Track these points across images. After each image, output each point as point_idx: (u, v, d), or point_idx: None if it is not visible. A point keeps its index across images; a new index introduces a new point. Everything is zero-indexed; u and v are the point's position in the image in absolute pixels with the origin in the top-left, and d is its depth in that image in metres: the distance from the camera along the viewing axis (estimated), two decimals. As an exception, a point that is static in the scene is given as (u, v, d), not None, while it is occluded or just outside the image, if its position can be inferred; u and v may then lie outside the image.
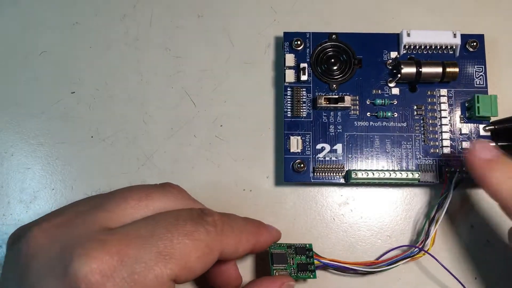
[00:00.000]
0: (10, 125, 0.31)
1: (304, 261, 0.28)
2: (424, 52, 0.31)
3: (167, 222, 0.21)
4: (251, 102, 0.32)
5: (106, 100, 0.32)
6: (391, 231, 0.30)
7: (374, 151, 0.30)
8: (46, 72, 0.32)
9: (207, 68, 0.32)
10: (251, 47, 0.32)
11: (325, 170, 0.29)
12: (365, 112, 0.30)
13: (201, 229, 0.21)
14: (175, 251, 0.20)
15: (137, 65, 0.32)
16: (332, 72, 0.30)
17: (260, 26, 0.33)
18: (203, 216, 0.22)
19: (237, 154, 0.31)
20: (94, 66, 0.32)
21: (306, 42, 0.31)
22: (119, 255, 0.19)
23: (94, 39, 0.33)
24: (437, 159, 0.30)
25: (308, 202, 0.30)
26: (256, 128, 0.31)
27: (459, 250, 0.30)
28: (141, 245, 0.20)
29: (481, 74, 0.31)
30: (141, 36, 0.33)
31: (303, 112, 0.30)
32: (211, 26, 0.33)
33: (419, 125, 0.30)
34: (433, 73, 0.30)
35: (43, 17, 0.33)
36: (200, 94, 0.32)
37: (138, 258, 0.19)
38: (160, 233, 0.20)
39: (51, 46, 0.32)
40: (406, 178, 0.28)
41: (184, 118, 0.31)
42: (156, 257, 0.20)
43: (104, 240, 0.19)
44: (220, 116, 0.32)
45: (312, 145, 0.30)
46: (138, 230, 0.20)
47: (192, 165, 0.31)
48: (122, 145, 0.31)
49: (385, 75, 0.31)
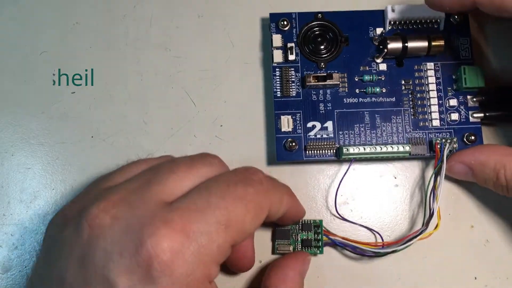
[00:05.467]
0: (10, 125, 0.32)
1: (310, 237, 0.29)
2: (410, 27, 0.31)
3: (219, 189, 0.22)
4: (251, 102, 0.32)
5: (106, 100, 0.32)
6: (391, 231, 0.30)
7: (365, 127, 0.30)
8: (46, 72, 0.32)
9: (207, 68, 0.32)
10: (251, 47, 0.32)
11: (317, 148, 0.29)
12: (353, 89, 0.30)
13: (251, 190, 0.22)
14: (231, 217, 0.21)
15: (137, 65, 0.32)
16: (320, 51, 0.31)
17: (260, 25, 0.33)
18: (250, 175, 0.23)
19: (237, 154, 0.31)
20: (94, 66, 0.32)
21: (293, 22, 0.31)
22: (184, 231, 0.20)
23: (94, 39, 0.33)
24: (427, 131, 0.30)
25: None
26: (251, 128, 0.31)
27: (459, 250, 0.30)
28: (201, 218, 0.20)
29: (467, 46, 0.31)
30: (141, 36, 0.33)
31: (292, 92, 0.30)
32: (211, 26, 0.33)
33: (408, 99, 0.30)
34: (419, 47, 0.30)
35: (43, 17, 0.33)
36: (200, 94, 0.32)
37: (201, 231, 0.20)
38: (215, 202, 0.21)
39: (51, 46, 0.33)
40: (397, 152, 0.29)
41: (184, 118, 0.31)
42: (216, 227, 0.20)
43: (167, 218, 0.20)
44: (220, 116, 0.32)
45: (302, 124, 0.30)
46: (195, 202, 0.21)
47: (192, 165, 0.31)
48: (122, 145, 0.31)
49: (372, 51, 0.31)
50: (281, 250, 0.29)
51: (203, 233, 0.20)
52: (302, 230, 0.29)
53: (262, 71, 0.32)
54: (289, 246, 0.29)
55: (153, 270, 0.19)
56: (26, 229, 0.30)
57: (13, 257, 0.30)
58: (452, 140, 0.29)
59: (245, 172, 0.23)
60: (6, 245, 0.30)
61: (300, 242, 0.29)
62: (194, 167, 0.23)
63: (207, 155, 0.25)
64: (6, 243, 0.30)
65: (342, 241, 0.29)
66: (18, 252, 0.30)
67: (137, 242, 0.19)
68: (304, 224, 0.29)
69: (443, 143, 0.29)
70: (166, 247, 0.19)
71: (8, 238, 0.30)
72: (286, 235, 0.29)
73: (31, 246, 0.30)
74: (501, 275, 0.29)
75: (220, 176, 0.23)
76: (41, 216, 0.30)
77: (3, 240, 0.30)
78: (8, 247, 0.30)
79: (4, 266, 0.30)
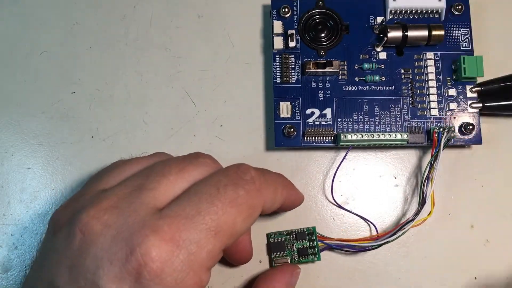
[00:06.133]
0: (10, 125, 0.32)
1: (306, 245, 0.28)
2: (410, 16, 0.31)
3: (209, 194, 0.21)
4: (250, 102, 0.32)
5: (106, 100, 0.32)
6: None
7: (363, 114, 0.30)
8: (46, 72, 0.32)
9: (207, 68, 0.32)
10: (251, 47, 0.32)
11: (315, 134, 0.29)
12: (353, 76, 0.30)
13: (242, 192, 0.22)
14: (221, 223, 0.21)
15: (137, 65, 0.32)
16: (320, 38, 0.31)
17: (260, 20, 0.33)
18: (241, 174, 0.23)
19: (237, 154, 0.31)
20: (94, 66, 0.32)
21: (294, 10, 0.31)
22: (174, 240, 0.20)
23: (94, 39, 0.33)
24: (425, 120, 0.30)
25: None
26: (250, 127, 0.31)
27: (459, 250, 0.30)
28: (191, 226, 0.20)
29: (467, 37, 0.31)
30: (141, 36, 0.33)
31: (292, 78, 0.30)
32: (211, 26, 0.33)
33: (407, 88, 0.30)
34: (419, 36, 0.30)
35: (43, 17, 0.33)
36: (200, 94, 0.32)
37: (191, 239, 0.20)
38: (205, 208, 0.21)
39: (51, 46, 0.33)
40: (395, 139, 0.29)
41: (184, 118, 0.31)
42: (206, 234, 0.20)
43: (156, 226, 0.20)
44: (220, 116, 0.32)
45: (301, 111, 0.30)
46: (184, 209, 0.21)
47: (192, 165, 0.31)
48: (122, 145, 0.31)
49: (372, 40, 0.31)
50: (279, 262, 0.29)
51: (193, 241, 0.20)
52: (296, 239, 0.29)
53: (263, 58, 0.32)
54: (286, 257, 0.28)
55: (142, 279, 0.19)
56: (26, 229, 0.30)
57: (13, 257, 0.30)
58: (450, 129, 0.29)
59: (236, 171, 0.23)
60: (6, 245, 0.30)
61: (296, 252, 0.28)
62: (186, 170, 0.23)
63: (199, 155, 0.24)
64: (6, 243, 0.30)
65: (338, 243, 0.29)
66: (18, 252, 0.30)
67: (127, 250, 0.19)
68: (298, 233, 0.29)
69: (441, 132, 0.29)
70: (155, 255, 0.19)
71: (8, 238, 0.30)
72: (281, 247, 0.29)
73: (31, 246, 0.30)
74: (501, 275, 0.29)
75: (210, 179, 0.22)
76: (41, 216, 0.30)
77: (3, 240, 0.30)
78: (8, 247, 0.30)
79: (4, 266, 0.30)
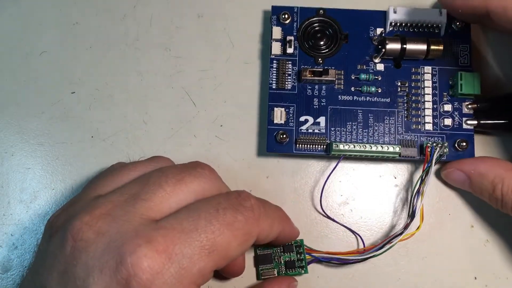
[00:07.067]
0: (10, 125, 0.32)
1: (294, 257, 0.28)
2: (410, 30, 0.31)
3: (208, 213, 0.21)
4: (251, 101, 0.32)
5: (106, 100, 0.32)
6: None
7: (357, 125, 0.30)
8: (46, 72, 0.32)
9: (207, 68, 0.32)
10: (251, 46, 0.32)
11: (307, 142, 0.29)
12: (349, 86, 0.30)
13: (240, 217, 0.22)
14: (217, 243, 0.21)
15: (137, 65, 0.32)
16: (319, 46, 0.31)
17: (260, 25, 0.33)
18: (241, 201, 0.23)
19: (237, 154, 0.31)
20: (94, 66, 0.32)
21: (294, 17, 0.31)
22: (167, 253, 0.20)
23: (94, 39, 0.33)
24: (419, 135, 0.30)
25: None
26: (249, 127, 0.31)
27: (459, 250, 0.30)
28: (186, 240, 0.20)
29: (466, 53, 0.31)
30: (141, 36, 0.33)
31: (288, 84, 0.30)
32: (211, 26, 0.33)
33: (402, 101, 0.30)
34: (418, 50, 0.30)
35: (43, 17, 0.33)
36: (200, 94, 0.32)
37: (184, 254, 0.20)
38: (202, 226, 0.21)
39: (51, 46, 0.33)
40: (387, 152, 0.29)
41: (184, 118, 0.31)
42: (200, 251, 0.20)
43: (150, 237, 0.20)
44: (220, 116, 0.32)
45: (295, 117, 0.30)
46: (181, 223, 0.21)
47: (192, 165, 0.31)
48: (122, 145, 0.31)
49: (371, 51, 0.31)
50: (266, 275, 0.28)
51: (186, 256, 0.20)
52: (284, 252, 0.28)
53: (260, 64, 0.32)
54: (273, 270, 0.28)
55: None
56: (26, 229, 0.30)
57: (13, 257, 0.30)
58: (443, 145, 0.29)
59: (238, 197, 0.23)
60: (6, 245, 0.30)
61: (283, 265, 0.28)
62: (184, 181, 0.23)
63: (197, 165, 0.24)
64: (6, 243, 0.30)
65: (325, 256, 0.28)
66: (18, 252, 0.30)
67: (117, 259, 0.19)
68: (285, 246, 0.28)
69: (433, 147, 0.29)
70: (146, 266, 0.19)
71: (8, 238, 0.30)
72: (268, 259, 0.28)
73: (31, 246, 0.30)
74: (501, 275, 0.29)
75: (212, 199, 0.23)
76: (41, 216, 0.30)
77: (3, 240, 0.30)
78: (8, 247, 0.30)
79: (4, 266, 0.30)
